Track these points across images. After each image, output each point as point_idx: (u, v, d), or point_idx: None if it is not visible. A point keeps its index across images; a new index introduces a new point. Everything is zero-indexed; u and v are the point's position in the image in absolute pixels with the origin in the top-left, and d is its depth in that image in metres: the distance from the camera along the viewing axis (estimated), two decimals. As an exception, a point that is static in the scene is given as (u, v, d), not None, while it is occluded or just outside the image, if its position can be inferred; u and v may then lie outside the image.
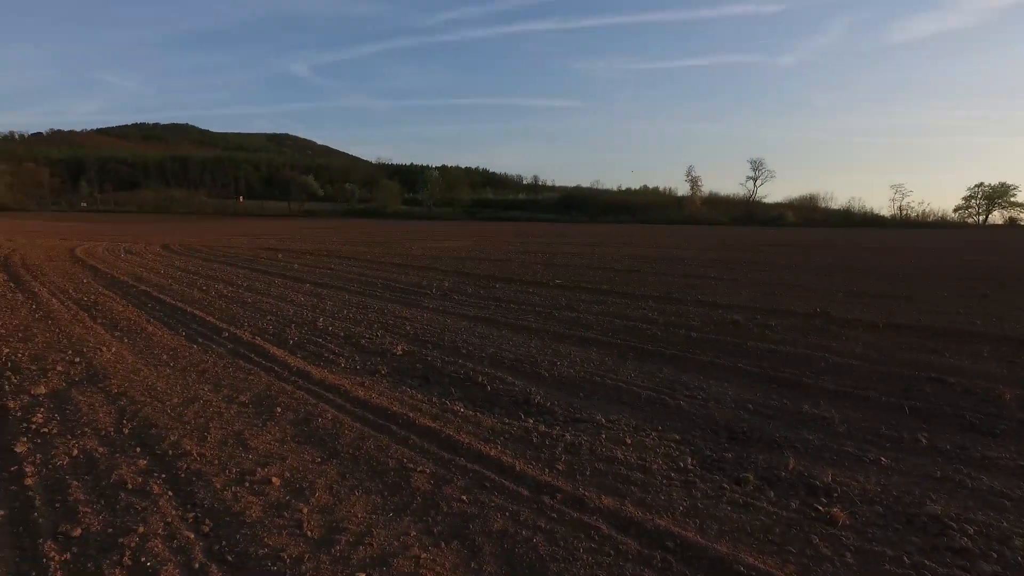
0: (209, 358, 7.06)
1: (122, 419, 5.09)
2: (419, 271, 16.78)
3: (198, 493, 3.86)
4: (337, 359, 7.21)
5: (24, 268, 15.47)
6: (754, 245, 32.97)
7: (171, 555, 3.19)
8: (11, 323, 8.60)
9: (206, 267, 16.90)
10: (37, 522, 3.51)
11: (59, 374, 6.30)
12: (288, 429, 4.97)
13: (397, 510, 3.72)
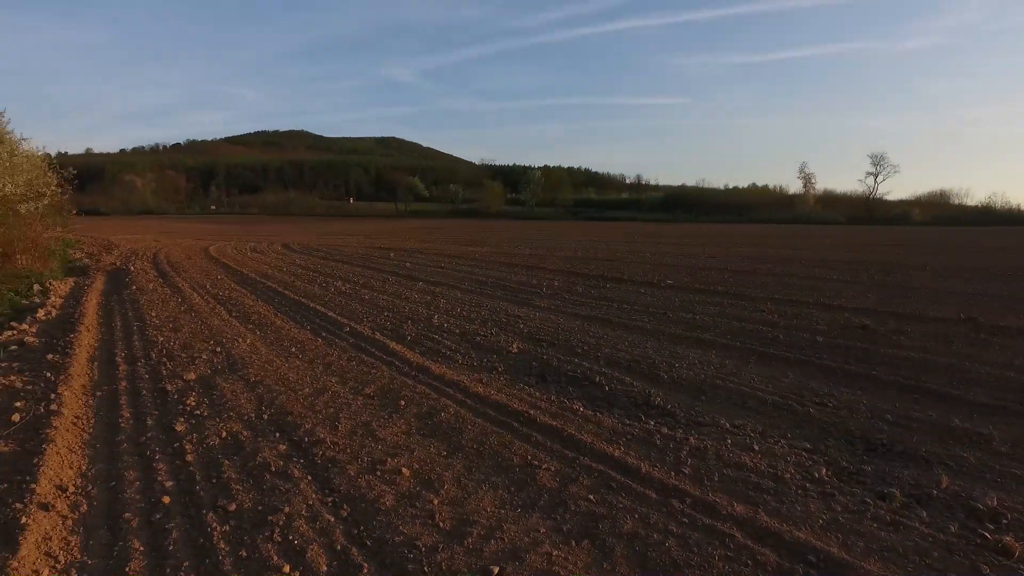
0: (333, 352, 7.47)
1: (261, 406, 5.49)
2: (527, 270, 16.95)
3: (334, 479, 4.09)
4: (454, 355, 7.42)
5: (168, 265, 17.07)
6: (878, 245, 30.69)
7: (315, 536, 3.40)
8: (163, 315, 9.51)
9: (324, 265, 17.92)
10: (199, 495, 3.86)
11: (204, 362, 6.89)
12: (413, 422, 5.18)
13: (525, 506, 3.78)
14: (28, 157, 15.59)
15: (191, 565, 3.13)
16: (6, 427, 4.85)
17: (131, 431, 4.95)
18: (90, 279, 13.96)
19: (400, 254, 21.89)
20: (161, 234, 36.97)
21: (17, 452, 4.42)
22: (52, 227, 17.46)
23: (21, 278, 12.20)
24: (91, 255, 19.86)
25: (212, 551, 3.25)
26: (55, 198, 16.50)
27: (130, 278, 14.03)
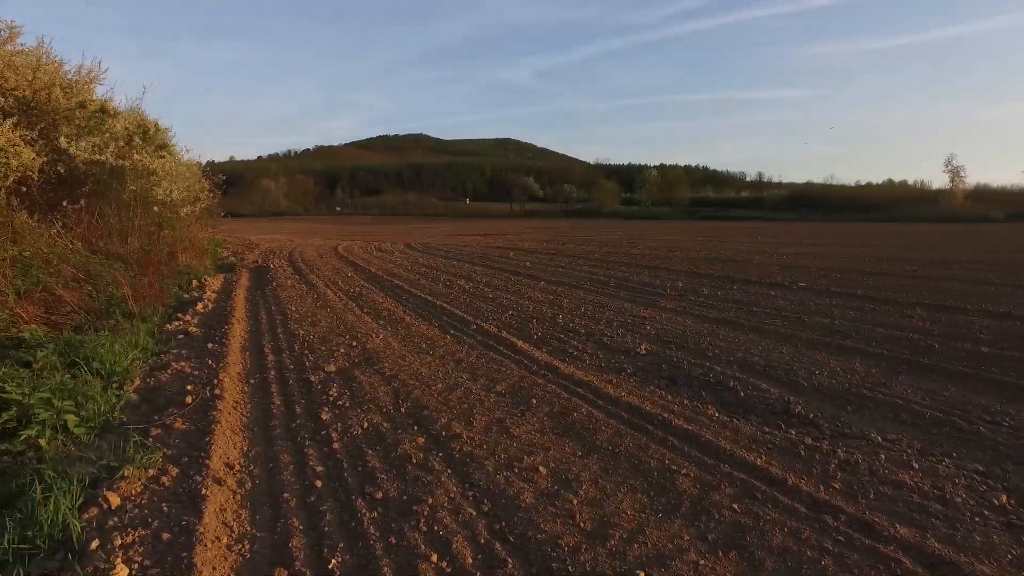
0: (462, 349, 7.69)
1: (398, 399, 5.76)
2: (650, 270, 16.65)
3: (473, 474, 4.21)
4: (581, 355, 7.42)
5: (303, 263, 18.34)
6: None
7: (459, 528, 3.51)
8: (301, 309, 10.23)
9: (445, 264, 18.52)
10: (348, 481, 4.11)
11: (342, 355, 7.32)
12: (546, 421, 5.23)
13: (666, 511, 3.71)
14: (188, 166, 17.35)
15: (345, 547, 3.34)
16: (182, 407, 5.40)
17: (282, 417, 5.35)
18: (237, 275, 15.28)
19: (519, 254, 22.21)
20: (293, 234, 39.83)
21: (192, 431, 4.92)
22: (205, 228, 19.28)
23: (183, 274, 13.58)
24: (236, 253, 21.73)
25: (363, 535, 3.45)
26: (208, 202, 18.23)
27: (270, 275, 15.21)
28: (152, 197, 15.08)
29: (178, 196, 15.48)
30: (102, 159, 14.02)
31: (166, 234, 14.70)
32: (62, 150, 13.28)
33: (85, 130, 14.17)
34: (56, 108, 13.72)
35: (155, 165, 15.33)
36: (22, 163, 11.26)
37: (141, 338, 7.84)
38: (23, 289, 7.95)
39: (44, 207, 12.21)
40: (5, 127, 11.01)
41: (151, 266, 11.88)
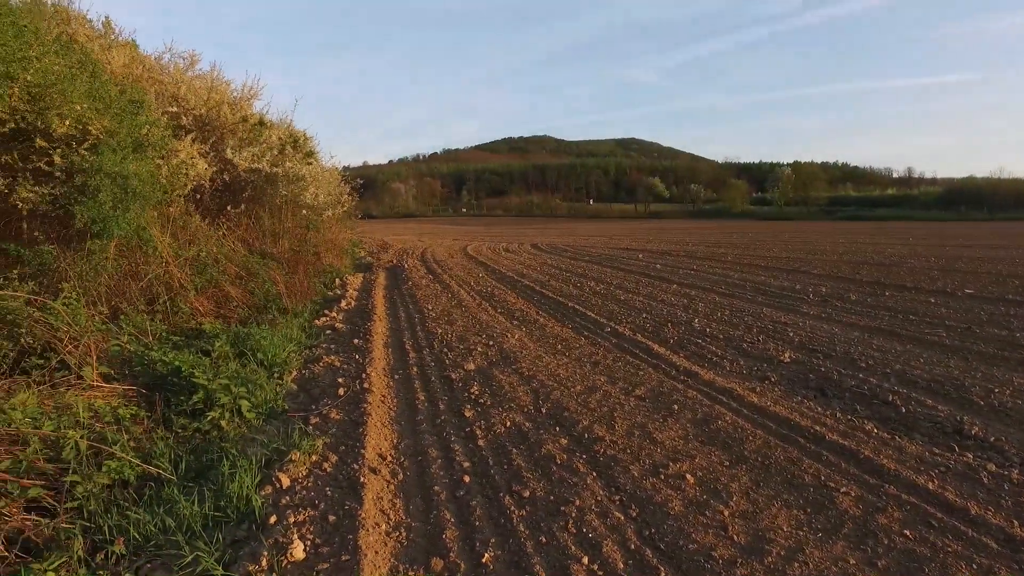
0: (598, 351, 7.68)
1: (538, 399, 5.85)
2: (787, 274, 15.76)
3: (618, 478, 4.20)
4: (721, 361, 7.17)
5: (435, 263, 19.11)
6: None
7: (607, 532, 3.52)
8: (437, 308, 10.66)
9: (574, 265, 18.57)
10: (494, 478, 4.23)
11: (480, 354, 7.54)
12: (688, 427, 5.10)
13: (826, 531, 3.50)
14: (330, 171, 18.68)
15: (497, 542, 3.44)
16: (335, 399, 5.82)
17: (427, 412, 5.61)
18: (374, 275, 16.20)
19: (648, 255, 21.82)
20: (423, 235, 41.59)
21: (346, 421, 5.28)
22: (344, 229, 20.61)
23: (326, 273, 14.64)
24: (372, 253, 23.04)
25: (514, 532, 3.54)
26: (348, 205, 19.50)
27: (405, 274, 15.98)
28: (300, 201, 16.39)
29: (323, 200, 16.70)
30: (259, 167, 15.42)
31: (312, 235, 15.87)
32: (227, 160, 14.76)
33: (246, 141, 15.65)
34: (224, 123, 15.28)
35: (303, 171, 16.65)
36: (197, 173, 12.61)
37: (294, 332, 8.53)
38: (199, 286, 8.91)
39: (213, 212, 13.60)
40: (186, 142, 12.39)
41: (300, 265, 12.90)
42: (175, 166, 11.36)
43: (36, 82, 7.17)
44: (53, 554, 3.06)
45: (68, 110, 7.38)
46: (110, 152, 7.57)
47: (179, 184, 10.92)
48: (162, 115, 11.70)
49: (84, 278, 7.40)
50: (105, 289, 7.76)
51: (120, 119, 8.17)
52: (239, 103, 16.17)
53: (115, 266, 8.15)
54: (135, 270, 8.43)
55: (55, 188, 7.32)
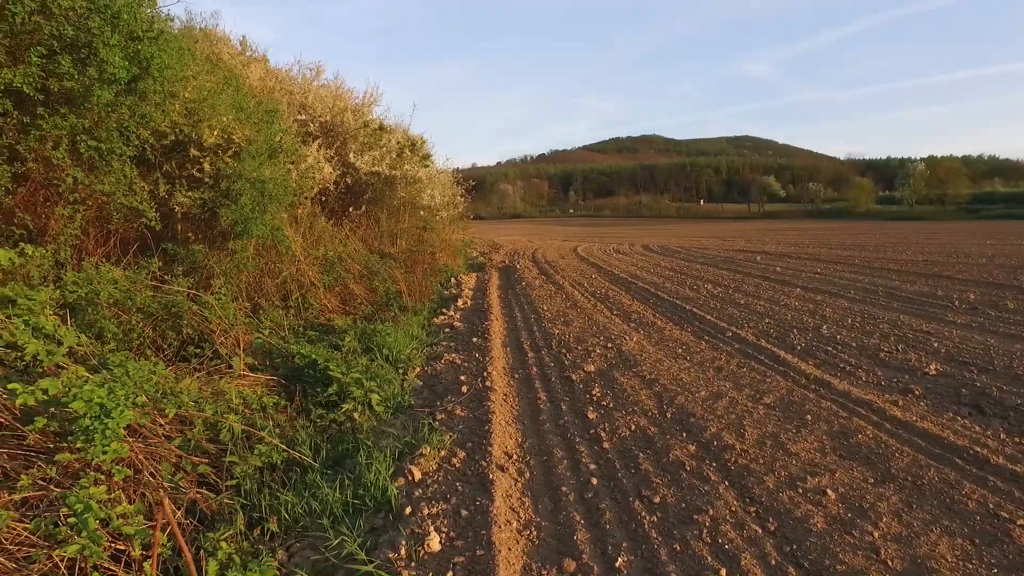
0: (720, 356, 7.43)
1: (661, 404, 5.74)
2: (926, 278, 14.53)
3: (752, 489, 4.04)
4: (855, 371, 6.72)
5: (546, 263, 19.23)
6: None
7: (744, 544, 3.39)
8: (553, 309, 10.71)
9: (688, 267, 18.07)
10: (622, 482, 4.20)
11: (598, 356, 7.50)
12: (825, 440, 4.83)
13: (1003, 568, 3.19)
14: (443, 173, 19.26)
15: (629, 547, 3.41)
16: (459, 396, 6.00)
17: (550, 413, 5.65)
18: (487, 275, 16.52)
19: (767, 257, 20.85)
20: (531, 235, 41.98)
21: (471, 418, 5.42)
22: (457, 230, 21.16)
23: (441, 272, 15.09)
24: (483, 253, 23.52)
25: (646, 538, 3.49)
26: (461, 206, 20.01)
27: (518, 274, 16.17)
28: (417, 203, 17.02)
29: (440, 201, 17.25)
30: (379, 170, 16.16)
31: (428, 235, 16.41)
32: (350, 164, 15.57)
33: (366, 146, 16.45)
34: (347, 129, 16.16)
35: (420, 174, 17.28)
36: (323, 177, 13.40)
37: (415, 330, 8.86)
38: (327, 283, 9.46)
39: (336, 213, 14.39)
40: (313, 148, 13.19)
41: (417, 265, 13.38)
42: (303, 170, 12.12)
43: (192, 98, 7.90)
44: (221, 526, 3.34)
45: (216, 122, 8.08)
46: (250, 159, 8.21)
47: (307, 187, 11.65)
48: (292, 123, 12.54)
49: (228, 275, 8.04)
50: (246, 285, 8.40)
51: (258, 128, 8.84)
52: (360, 109, 17.06)
53: (254, 264, 8.81)
54: (270, 268, 9.07)
55: (204, 193, 8.02)
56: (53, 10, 6.55)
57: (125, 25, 7.03)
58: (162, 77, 7.11)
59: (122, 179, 6.94)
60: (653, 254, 23.57)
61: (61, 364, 3.35)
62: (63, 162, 6.61)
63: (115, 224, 7.39)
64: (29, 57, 6.61)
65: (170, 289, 6.39)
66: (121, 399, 3.01)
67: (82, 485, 2.58)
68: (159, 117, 7.28)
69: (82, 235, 7.03)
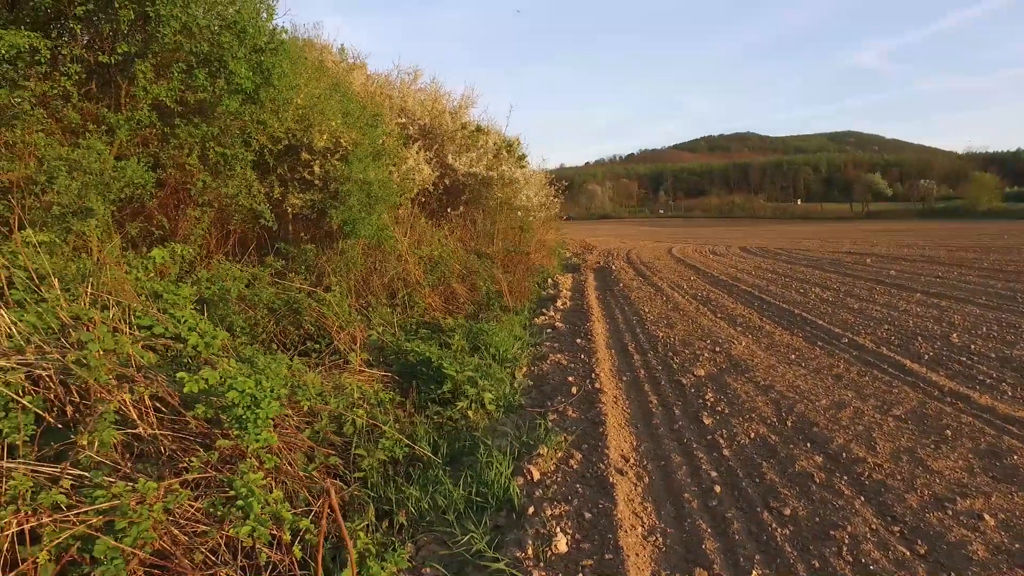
0: (838, 363, 7.03)
1: (780, 412, 5.49)
2: (1071, 284, 13.21)
3: (893, 507, 3.78)
4: (999, 385, 6.18)
5: (642, 265, 18.92)
6: None
7: (893, 567, 3.18)
8: (654, 311, 10.51)
9: (791, 269, 17.26)
10: (747, 492, 4.04)
11: (707, 360, 7.28)
12: (971, 459, 4.45)
13: None
14: (536, 174, 19.33)
15: (763, 560, 3.27)
16: (568, 397, 5.97)
17: (662, 417, 5.52)
18: (583, 275, 16.43)
19: (876, 260, 19.58)
20: (622, 236, 41.44)
21: (583, 420, 5.39)
22: (550, 230, 21.17)
23: (537, 273, 15.13)
24: (576, 254, 23.41)
25: (779, 552, 3.34)
26: (556, 207, 20.01)
27: (614, 276, 15.99)
28: (513, 203, 17.15)
29: (537, 202, 17.33)
30: (476, 171, 16.41)
31: (524, 236, 16.51)
32: (448, 165, 15.88)
33: (464, 147, 16.74)
34: (444, 131, 16.51)
35: (516, 174, 17.41)
36: (423, 178, 13.73)
37: (517, 330, 8.90)
38: (431, 283, 9.67)
39: (435, 214, 14.72)
40: (413, 150, 13.53)
41: (516, 265, 13.47)
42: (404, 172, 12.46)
43: (304, 104, 8.30)
44: (356, 517, 3.46)
45: (325, 126, 8.45)
46: (357, 161, 8.52)
47: (407, 188, 11.98)
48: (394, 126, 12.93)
49: (338, 273, 8.36)
50: (355, 283, 8.71)
51: (363, 132, 9.18)
52: (457, 112, 17.40)
53: (362, 263, 9.13)
54: (377, 267, 9.37)
55: (314, 194, 8.40)
56: (193, 29, 7.06)
57: (250, 39, 7.47)
58: (281, 85, 7.53)
59: (243, 182, 7.37)
60: (752, 255, 22.67)
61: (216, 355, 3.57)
62: (195, 167, 7.11)
63: (233, 225, 7.86)
64: (172, 73, 7.16)
65: (290, 286, 6.72)
66: (267, 391, 3.18)
67: (242, 471, 2.73)
68: (275, 123, 7.69)
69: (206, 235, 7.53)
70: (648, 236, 41.78)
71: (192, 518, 2.77)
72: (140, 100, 6.81)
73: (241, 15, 7.43)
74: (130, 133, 6.75)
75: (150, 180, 6.68)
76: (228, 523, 2.59)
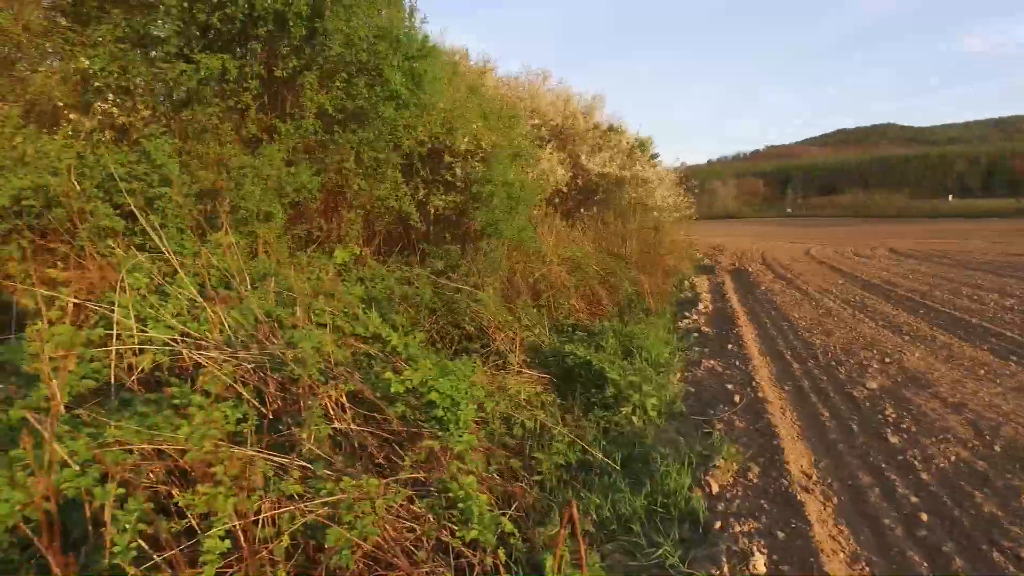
0: (1042, 381, 6.20)
1: (981, 433, 4.90)
2: None
3: None
4: None
5: (780, 267, 17.85)
6: None
7: None
8: (805, 316, 9.83)
9: (955, 273, 15.58)
10: (963, 523, 3.61)
11: (877, 371, 6.68)
12: None
13: None
14: (669, 173, 18.77)
15: (998, 605, 2.88)
16: (731, 406, 5.67)
17: (838, 432, 5.09)
18: (719, 278, 15.75)
19: (1062, 263, 17.28)
20: (752, 236, 39.46)
21: (752, 431, 5.09)
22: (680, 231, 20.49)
23: (672, 275, 14.67)
24: (707, 255, 22.51)
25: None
26: (689, 207, 19.34)
27: (753, 278, 15.19)
28: (647, 203, 16.75)
29: (672, 201, 16.85)
30: (609, 171, 16.17)
31: (658, 237, 16.07)
32: (580, 165, 15.76)
33: (597, 147, 16.55)
34: (576, 131, 16.41)
35: (649, 174, 17.00)
36: (556, 179, 13.69)
37: (662, 333, 8.61)
38: (574, 284, 9.59)
39: (569, 215, 14.66)
40: (546, 152, 13.53)
41: (653, 267, 13.11)
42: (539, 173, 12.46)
43: (446, 108, 8.48)
44: (548, 523, 3.42)
45: (467, 129, 8.59)
46: (497, 163, 8.60)
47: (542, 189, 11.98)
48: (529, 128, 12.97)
49: (483, 274, 8.47)
50: (501, 285, 8.79)
51: (502, 133, 9.25)
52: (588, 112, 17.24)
53: (505, 264, 9.21)
54: (522, 267, 9.41)
55: (456, 196, 8.56)
56: (355, 41, 7.40)
57: (404, 47, 7.74)
58: (431, 90, 7.74)
59: (393, 185, 7.64)
60: (904, 258, 20.70)
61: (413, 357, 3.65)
62: (352, 171, 7.46)
63: (378, 226, 8.17)
64: (334, 82, 7.55)
65: (449, 285, 6.87)
66: (463, 392, 3.20)
67: (451, 473, 2.76)
68: (422, 127, 7.90)
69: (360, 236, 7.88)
70: (779, 236, 39.49)
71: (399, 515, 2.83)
72: (306, 110, 7.25)
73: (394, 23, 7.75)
74: (299, 140, 7.20)
75: (316, 184, 7.08)
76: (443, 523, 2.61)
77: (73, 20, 7.07)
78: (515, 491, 3.61)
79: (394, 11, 8.01)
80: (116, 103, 6.64)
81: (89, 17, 7.07)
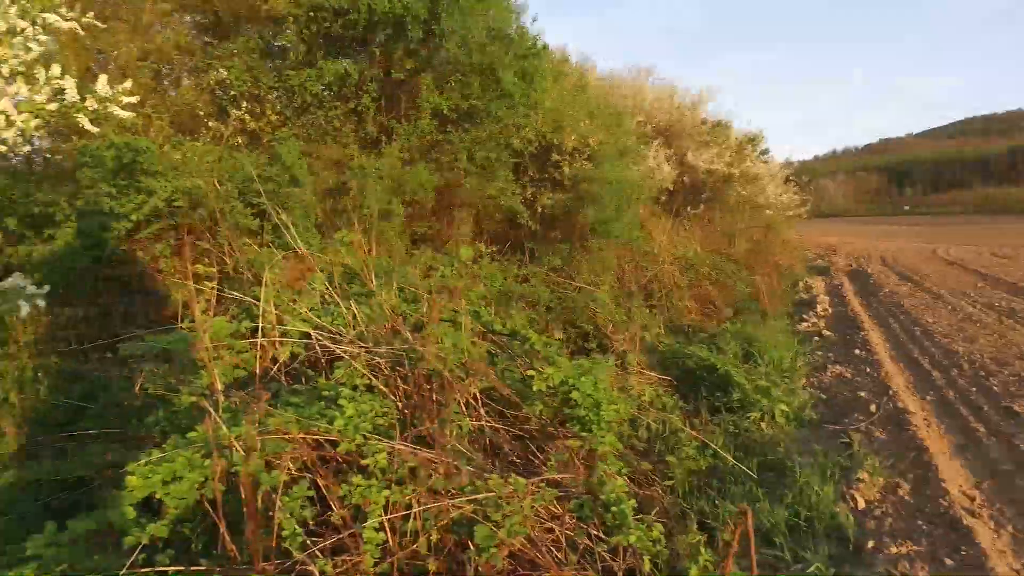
0: None
1: None
2: None
3: None
4: None
5: (904, 268, 16.52)
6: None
7: None
8: (942, 322, 9.01)
9: (1114, 276, 13.86)
10: None
11: (1037, 384, 6.00)
12: None
13: None
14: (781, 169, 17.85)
15: None
16: (867, 415, 5.26)
17: (999, 451, 4.59)
18: (835, 279, 14.81)
19: None
20: (867, 235, 36.99)
21: (894, 443, 4.69)
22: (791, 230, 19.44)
23: (785, 275, 13.95)
24: (820, 255, 21.26)
25: None
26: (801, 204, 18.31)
27: (874, 280, 14.17)
28: (757, 201, 16.00)
29: (786, 200, 16.05)
30: (716, 168, 15.57)
31: (770, 236, 15.32)
32: (687, 163, 15.28)
33: (703, 144, 15.98)
34: (683, 127, 15.91)
35: (760, 170, 16.24)
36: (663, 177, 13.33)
37: (781, 336, 8.15)
38: (686, 284, 9.28)
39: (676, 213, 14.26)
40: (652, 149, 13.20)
41: (761, 266, 12.48)
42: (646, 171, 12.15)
43: (553, 107, 8.38)
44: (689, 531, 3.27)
45: (574, 127, 8.45)
46: (606, 162, 8.41)
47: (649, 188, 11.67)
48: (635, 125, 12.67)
49: (594, 273, 8.33)
50: (612, 284, 8.63)
51: (608, 131, 9.06)
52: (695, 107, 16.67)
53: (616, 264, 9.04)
54: (628, 267, 9.21)
55: (563, 194, 8.44)
56: (470, 44, 7.47)
57: (515, 46, 7.73)
58: (540, 88, 7.69)
59: (504, 183, 7.63)
60: (1049, 259, 18.66)
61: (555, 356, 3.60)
62: (466, 170, 7.51)
63: (486, 224, 8.18)
64: (449, 83, 7.66)
65: (567, 284, 6.80)
66: (602, 393, 3.11)
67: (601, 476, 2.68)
68: (530, 126, 7.85)
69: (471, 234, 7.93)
70: (897, 235, 36.72)
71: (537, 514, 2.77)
72: (422, 110, 7.39)
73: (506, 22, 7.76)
74: (415, 140, 7.34)
75: (433, 183, 7.20)
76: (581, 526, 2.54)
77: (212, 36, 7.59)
78: (652, 496, 3.47)
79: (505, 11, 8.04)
80: (249, 110, 7.06)
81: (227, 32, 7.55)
